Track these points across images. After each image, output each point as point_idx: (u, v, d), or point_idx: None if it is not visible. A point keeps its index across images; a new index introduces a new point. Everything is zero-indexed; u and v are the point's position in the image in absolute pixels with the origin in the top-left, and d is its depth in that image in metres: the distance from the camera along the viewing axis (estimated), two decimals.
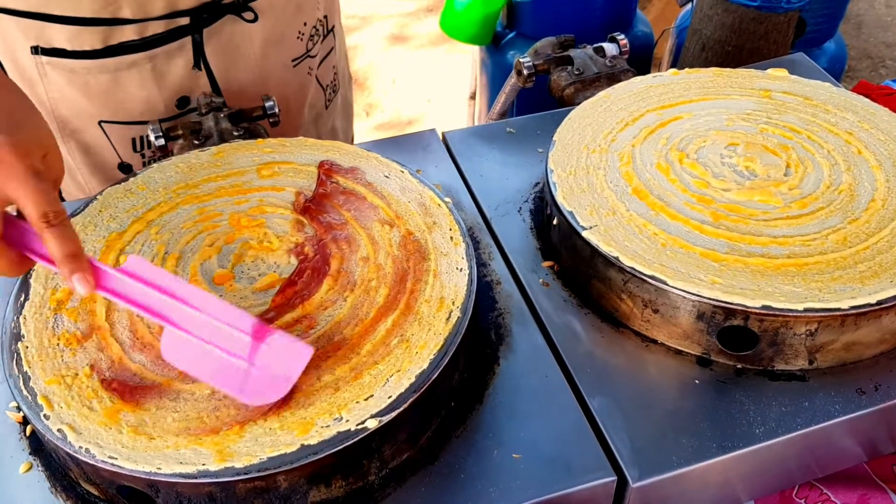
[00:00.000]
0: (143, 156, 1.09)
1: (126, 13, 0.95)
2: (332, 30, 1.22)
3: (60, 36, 0.96)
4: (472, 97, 2.37)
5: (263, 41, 1.08)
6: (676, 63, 1.73)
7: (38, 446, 0.69)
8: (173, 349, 0.65)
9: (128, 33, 0.97)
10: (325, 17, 1.19)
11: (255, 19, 1.04)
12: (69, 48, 0.97)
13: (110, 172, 1.10)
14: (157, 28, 0.99)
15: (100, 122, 1.05)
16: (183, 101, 1.05)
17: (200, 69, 1.04)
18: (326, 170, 0.86)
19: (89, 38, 0.97)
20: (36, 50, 0.98)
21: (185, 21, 1.00)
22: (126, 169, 1.10)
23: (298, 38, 1.12)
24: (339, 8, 1.26)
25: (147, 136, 1.01)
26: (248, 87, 1.09)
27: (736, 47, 1.41)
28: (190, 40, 1.01)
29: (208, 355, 0.65)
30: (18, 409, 0.71)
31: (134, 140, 1.07)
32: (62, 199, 1.17)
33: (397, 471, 0.67)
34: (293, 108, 1.17)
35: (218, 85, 1.06)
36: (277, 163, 0.88)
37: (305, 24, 1.13)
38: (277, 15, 1.08)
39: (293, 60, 1.13)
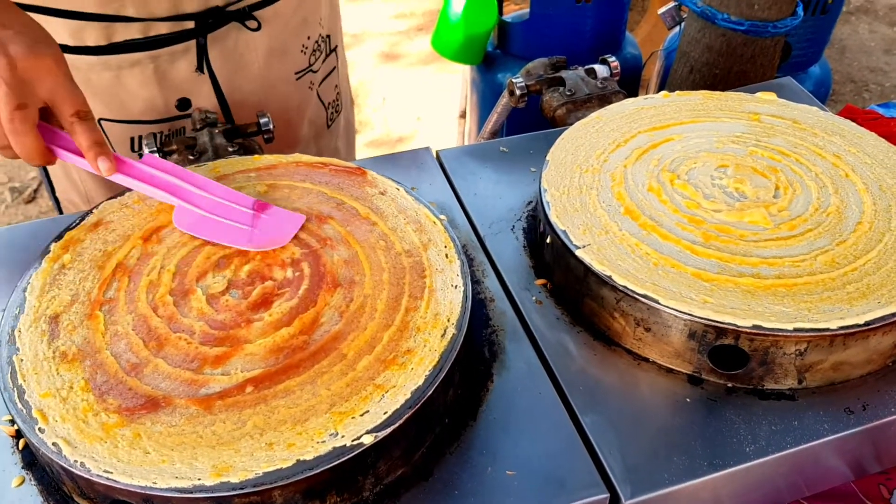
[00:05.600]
0: (140, 156, 1.10)
1: (130, 11, 0.96)
2: (334, 49, 1.23)
3: (63, 31, 0.97)
4: (462, 116, 2.39)
5: (267, 51, 1.09)
6: (664, 85, 1.75)
7: (31, 460, 0.69)
8: (183, 220, 0.80)
9: (132, 31, 0.98)
10: (329, 35, 1.20)
11: (259, 28, 1.05)
12: (72, 44, 0.98)
13: None
14: (161, 29, 1.00)
15: (99, 120, 1.05)
16: (184, 103, 1.06)
17: (203, 72, 1.05)
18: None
19: (92, 34, 0.98)
20: None
21: (190, 25, 1.01)
22: None
23: (302, 51, 1.14)
24: (341, 30, 1.27)
25: (143, 136, 1.02)
26: (251, 96, 1.10)
27: (723, 70, 1.43)
28: (194, 44, 1.02)
29: (215, 224, 0.80)
30: (11, 422, 0.71)
31: (132, 139, 1.08)
32: (58, 203, 1.18)
33: (392, 487, 0.67)
34: (294, 121, 1.18)
35: (222, 90, 1.07)
36: (274, 179, 0.88)
37: (309, 37, 1.14)
38: (282, 26, 1.09)
39: (296, 73, 1.14)
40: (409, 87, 3.19)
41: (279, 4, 1.07)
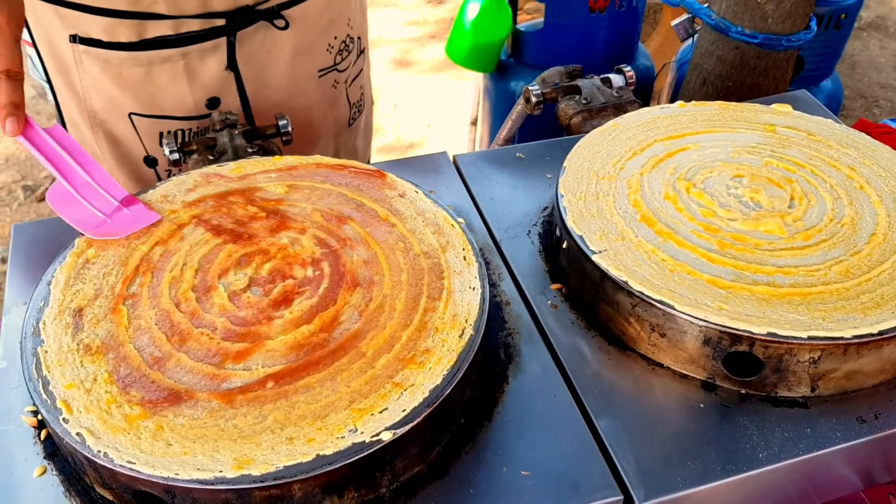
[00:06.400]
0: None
1: (161, 8, 0.98)
2: (363, 51, 1.25)
3: (96, 26, 0.99)
4: (473, 123, 2.41)
5: (293, 50, 1.10)
6: (676, 96, 1.76)
7: (53, 450, 0.70)
8: (56, 197, 0.84)
9: (163, 28, 1.00)
10: (359, 37, 1.21)
11: (287, 27, 1.07)
12: (105, 39, 1.00)
13: (135, 165, 1.12)
14: (192, 26, 1.01)
15: (130, 115, 1.07)
16: (213, 102, 1.08)
17: (233, 70, 1.07)
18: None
19: (124, 31, 1.00)
20: (74, 38, 1.01)
21: (220, 22, 1.02)
22: (151, 162, 1.12)
23: (328, 50, 1.15)
24: (367, 34, 1.29)
25: (164, 135, 1.04)
26: (275, 93, 1.12)
27: (736, 82, 1.44)
28: (224, 42, 1.04)
29: (79, 206, 0.84)
30: (34, 413, 0.72)
31: (161, 134, 1.09)
32: None
33: (408, 484, 0.68)
34: (316, 119, 1.20)
35: (245, 89, 1.09)
36: (294, 180, 0.89)
37: (335, 37, 1.16)
38: (309, 25, 1.10)
39: (319, 71, 1.16)
40: (420, 94, 3.21)
41: (307, 4, 1.09)
